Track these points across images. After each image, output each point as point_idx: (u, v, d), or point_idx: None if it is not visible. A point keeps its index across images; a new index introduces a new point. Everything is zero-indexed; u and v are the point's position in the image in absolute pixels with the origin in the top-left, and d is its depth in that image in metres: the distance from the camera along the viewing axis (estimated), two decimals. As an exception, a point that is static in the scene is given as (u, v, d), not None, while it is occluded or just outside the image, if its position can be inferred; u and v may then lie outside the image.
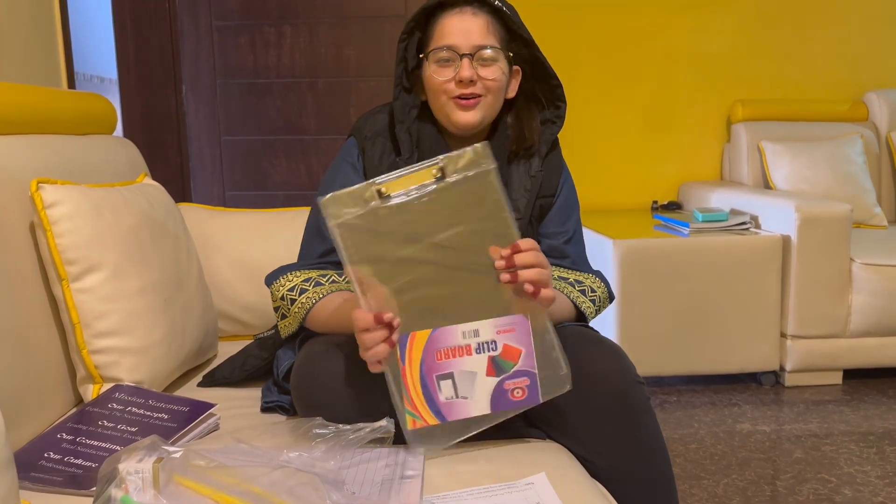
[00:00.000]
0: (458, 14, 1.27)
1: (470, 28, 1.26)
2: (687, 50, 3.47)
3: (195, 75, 3.18)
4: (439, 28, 1.27)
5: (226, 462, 0.93)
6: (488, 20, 1.27)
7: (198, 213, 1.88)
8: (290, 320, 1.29)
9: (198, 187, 3.25)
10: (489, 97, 1.28)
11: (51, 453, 1.11)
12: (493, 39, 1.27)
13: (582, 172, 3.48)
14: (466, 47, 1.25)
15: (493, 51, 1.26)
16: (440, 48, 1.26)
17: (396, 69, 1.31)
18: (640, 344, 2.64)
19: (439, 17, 1.28)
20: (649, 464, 1.18)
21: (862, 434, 2.33)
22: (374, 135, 1.33)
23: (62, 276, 1.28)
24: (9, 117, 1.36)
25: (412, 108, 1.32)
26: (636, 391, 1.17)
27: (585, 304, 1.33)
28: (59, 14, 2.19)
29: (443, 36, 1.27)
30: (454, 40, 1.26)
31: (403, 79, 1.31)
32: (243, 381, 1.49)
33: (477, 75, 1.25)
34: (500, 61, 1.27)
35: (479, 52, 1.25)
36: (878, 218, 3.14)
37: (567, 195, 1.40)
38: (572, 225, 1.40)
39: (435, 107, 1.31)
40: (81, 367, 1.32)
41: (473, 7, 1.27)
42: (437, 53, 1.26)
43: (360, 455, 1.07)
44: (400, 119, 1.31)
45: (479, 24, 1.26)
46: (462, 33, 1.25)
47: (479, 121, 1.28)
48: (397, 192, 1.04)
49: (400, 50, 1.30)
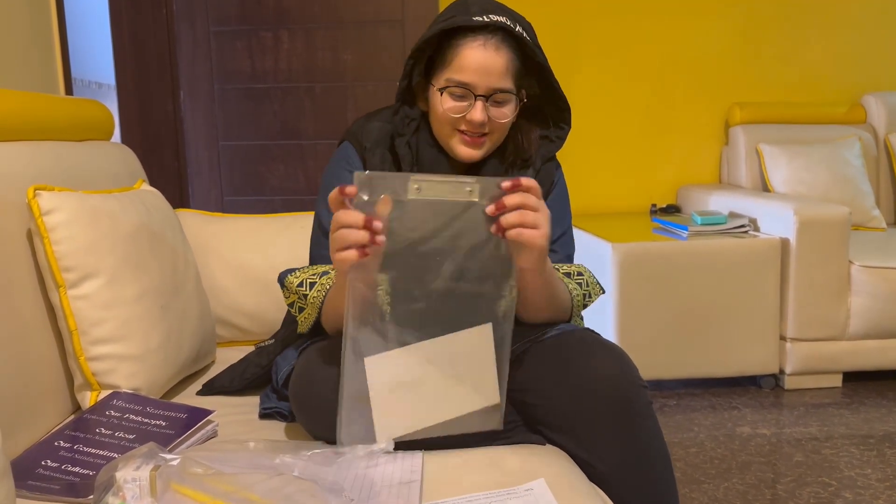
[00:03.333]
0: (482, 48, 1.21)
1: (491, 68, 1.21)
2: (685, 53, 3.47)
3: (193, 80, 3.17)
4: (458, 57, 1.22)
5: (223, 469, 0.92)
6: (509, 58, 1.22)
7: (195, 218, 1.88)
8: (309, 310, 1.26)
9: (195, 192, 3.25)
10: (495, 135, 1.28)
11: (48, 461, 1.10)
12: (509, 81, 1.23)
13: (580, 176, 3.48)
14: (483, 89, 1.22)
15: (509, 93, 1.23)
16: (455, 83, 1.22)
17: (400, 83, 1.28)
18: (638, 347, 2.64)
19: (459, 43, 1.22)
20: (651, 468, 1.18)
21: (862, 437, 2.33)
22: (373, 145, 1.32)
23: (59, 283, 1.27)
24: (6, 124, 1.36)
25: (412, 121, 1.31)
26: (639, 395, 1.16)
27: (572, 286, 1.28)
28: (56, 20, 2.18)
29: (461, 68, 1.22)
30: (471, 78, 1.21)
31: (406, 93, 1.29)
32: (242, 389, 1.48)
33: (489, 115, 1.23)
34: (513, 101, 1.25)
35: (494, 95, 1.23)
36: (876, 220, 3.14)
37: (557, 201, 1.38)
38: (562, 229, 1.38)
39: (438, 132, 1.29)
40: (79, 374, 1.31)
41: (497, 39, 1.21)
42: (452, 90, 1.23)
43: (359, 462, 1.06)
44: (400, 132, 1.30)
45: (500, 63, 1.21)
46: (481, 72, 1.21)
47: (481, 156, 1.28)
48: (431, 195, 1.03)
49: (408, 65, 1.27)
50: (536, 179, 1.33)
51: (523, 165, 1.34)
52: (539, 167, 1.35)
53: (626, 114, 3.50)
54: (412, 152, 1.30)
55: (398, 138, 1.30)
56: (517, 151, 1.34)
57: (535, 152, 1.34)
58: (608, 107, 3.49)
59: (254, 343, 1.81)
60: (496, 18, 1.21)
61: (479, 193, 1.04)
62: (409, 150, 1.30)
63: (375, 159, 1.32)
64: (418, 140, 1.31)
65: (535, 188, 1.07)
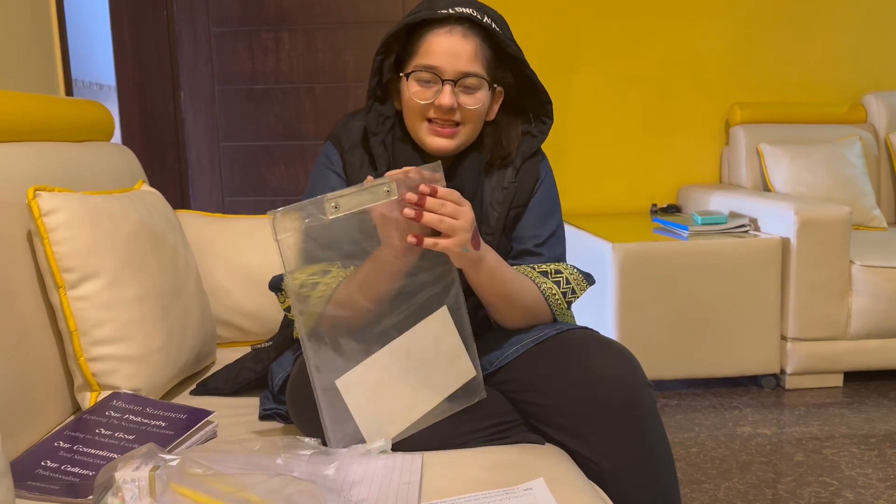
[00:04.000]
0: (448, 34, 1.21)
1: (458, 52, 1.20)
2: (685, 53, 3.47)
3: (193, 81, 3.18)
4: (425, 45, 1.22)
5: (223, 470, 0.93)
6: (477, 44, 1.22)
7: (196, 219, 1.88)
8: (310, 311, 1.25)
9: (196, 193, 3.25)
10: (468, 126, 1.25)
11: (48, 461, 1.11)
12: (479, 66, 1.22)
13: (580, 176, 3.48)
14: (451, 72, 1.20)
15: (478, 79, 1.22)
16: (422, 68, 1.21)
17: (370, 81, 1.27)
18: (639, 347, 2.64)
19: (425, 33, 1.22)
20: (654, 467, 1.18)
21: (863, 437, 2.33)
22: (351, 145, 1.31)
23: (59, 284, 1.28)
24: (6, 125, 1.36)
25: (386, 119, 1.30)
26: (644, 394, 1.16)
27: (546, 285, 1.27)
28: (56, 21, 2.19)
29: (428, 54, 1.21)
30: (439, 62, 1.20)
31: (377, 90, 1.28)
32: (234, 392, 1.48)
33: (457, 103, 1.21)
34: (484, 89, 1.23)
35: (463, 80, 1.21)
36: (877, 220, 3.14)
37: (543, 198, 1.34)
38: (549, 228, 1.34)
39: (410, 125, 1.28)
40: (79, 375, 1.31)
41: (464, 27, 1.21)
42: (419, 74, 1.22)
43: (358, 462, 1.07)
44: (374, 131, 1.29)
45: (467, 48, 1.20)
46: (448, 56, 1.20)
47: (454, 148, 1.26)
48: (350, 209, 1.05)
49: (376, 63, 1.26)
50: (518, 178, 1.31)
51: (503, 164, 1.31)
52: (520, 165, 1.32)
53: (627, 114, 3.50)
54: (387, 151, 1.29)
55: (372, 137, 1.29)
56: (496, 149, 1.31)
57: (515, 149, 1.32)
58: (608, 107, 3.49)
59: (254, 343, 1.81)
60: (462, 10, 1.21)
61: (398, 191, 1.06)
62: (385, 149, 1.29)
63: (355, 159, 1.31)
64: (393, 138, 1.30)
65: (454, 198, 1.09)
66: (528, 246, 1.32)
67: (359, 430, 1.10)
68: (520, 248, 1.32)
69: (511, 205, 1.31)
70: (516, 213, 1.32)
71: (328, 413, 1.09)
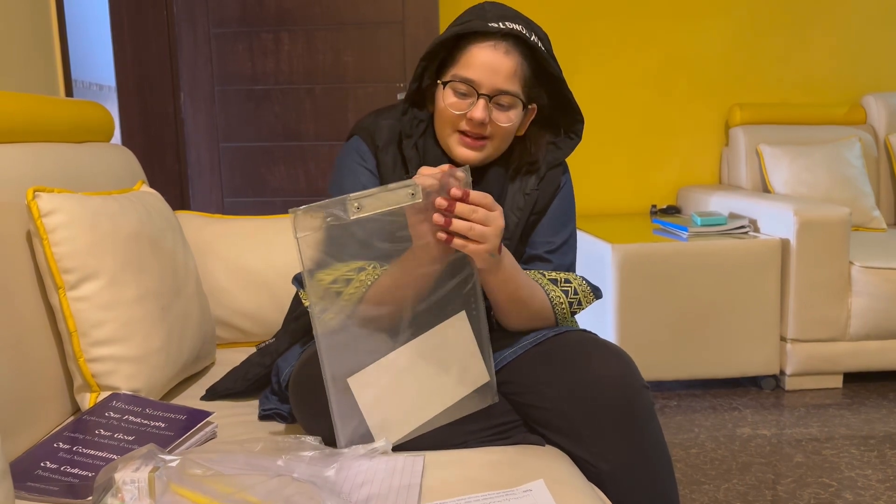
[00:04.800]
0: (491, 49, 1.21)
1: (498, 68, 1.20)
2: (685, 54, 3.47)
3: (193, 82, 3.18)
4: (466, 56, 1.22)
5: (223, 471, 0.93)
6: (518, 62, 1.22)
7: (195, 220, 1.88)
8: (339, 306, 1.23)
9: (196, 194, 3.25)
10: (496, 141, 1.26)
11: (47, 462, 1.11)
12: (516, 84, 1.22)
13: (580, 176, 3.48)
14: (487, 87, 1.21)
15: (512, 97, 1.22)
16: (460, 79, 1.21)
17: (410, 85, 1.28)
18: (639, 349, 2.64)
19: (469, 44, 1.22)
20: (652, 468, 1.18)
21: (863, 438, 2.33)
22: (385, 144, 1.32)
23: (59, 285, 1.28)
24: (6, 126, 1.36)
25: (420, 122, 1.31)
26: (641, 396, 1.16)
27: (555, 293, 1.28)
28: (56, 21, 2.19)
29: (468, 66, 1.21)
30: (477, 76, 1.20)
31: (416, 95, 1.29)
32: (247, 391, 1.47)
33: (490, 118, 1.22)
34: (517, 108, 1.24)
35: (498, 97, 1.21)
36: (876, 221, 3.14)
37: (560, 206, 1.36)
38: (562, 237, 1.35)
39: (440, 132, 1.28)
40: (78, 376, 1.31)
41: (508, 43, 1.21)
42: (456, 84, 1.22)
43: (358, 463, 1.06)
44: (408, 133, 1.30)
45: (507, 65, 1.20)
46: (488, 71, 1.20)
47: (480, 160, 1.26)
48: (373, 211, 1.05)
49: (419, 68, 1.27)
50: (540, 186, 1.33)
51: (529, 171, 1.33)
52: (544, 174, 1.33)
53: (627, 114, 3.50)
54: (419, 154, 1.30)
55: (406, 140, 1.30)
56: (523, 156, 1.32)
57: (541, 158, 1.33)
58: (609, 107, 3.49)
59: (254, 344, 1.81)
60: (511, 26, 1.21)
61: (423, 194, 1.05)
62: (417, 151, 1.30)
63: (388, 158, 1.31)
64: (425, 142, 1.31)
65: (486, 203, 1.08)
66: (540, 252, 1.33)
67: (367, 429, 1.10)
68: (531, 254, 1.33)
69: (531, 211, 1.33)
70: (535, 220, 1.34)
71: (339, 411, 1.08)
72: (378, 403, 1.10)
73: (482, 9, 1.25)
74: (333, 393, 1.08)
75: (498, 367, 1.23)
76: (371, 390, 1.10)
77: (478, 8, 1.26)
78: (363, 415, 1.10)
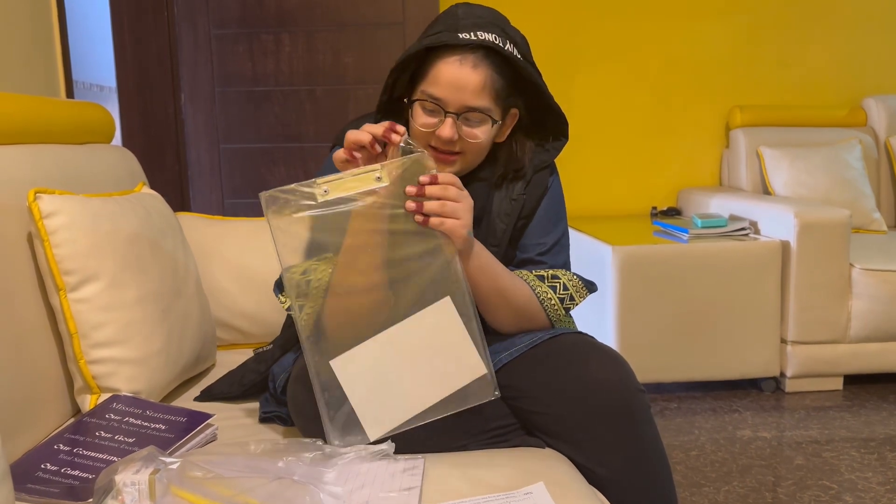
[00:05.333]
0: (458, 64, 1.17)
1: (464, 84, 1.16)
2: (686, 56, 3.48)
3: (194, 83, 3.18)
4: (434, 71, 1.18)
5: (223, 473, 0.93)
6: (488, 75, 1.17)
7: (196, 221, 1.88)
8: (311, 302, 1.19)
9: (196, 195, 3.25)
10: (469, 155, 1.23)
11: (48, 464, 1.10)
12: (486, 99, 1.18)
13: (581, 178, 3.48)
14: (454, 105, 1.17)
15: (483, 112, 1.19)
16: (427, 98, 1.18)
17: (381, 97, 1.26)
18: (639, 351, 2.64)
19: (438, 58, 1.18)
20: (650, 472, 1.18)
21: (863, 440, 2.33)
22: None
23: (60, 286, 1.28)
24: (7, 127, 1.36)
25: None
26: (637, 399, 1.16)
27: (541, 289, 1.26)
28: (57, 23, 2.19)
29: (435, 83, 1.18)
30: (443, 94, 1.17)
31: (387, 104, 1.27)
32: (241, 396, 1.47)
33: (459, 134, 1.19)
34: (489, 121, 1.21)
35: (467, 114, 1.19)
36: (877, 223, 3.14)
37: (548, 207, 1.34)
38: (554, 237, 1.33)
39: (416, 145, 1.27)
40: (79, 378, 1.31)
41: (477, 56, 1.17)
42: (423, 102, 1.20)
43: (359, 466, 1.06)
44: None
45: (475, 80, 1.16)
46: (454, 89, 1.17)
47: (455, 172, 1.24)
48: (340, 194, 1.08)
49: (389, 80, 1.24)
50: (527, 190, 1.31)
51: (515, 178, 1.31)
52: (530, 177, 1.31)
53: (627, 116, 3.50)
54: None
55: None
56: (509, 163, 1.30)
57: (528, 162, 1.31)
58: (609, 109, 3.49)
59: (254, 346, 1.81)
60: (483, 37, 1.16)
61: (388, 178, 1.08)
62: None
63: None
64: None
65: (455, 181, 1.11)
66: (532, 255, 1.31)
67: (360, 428, 1.10)
68: (522, 257, 1.32)
69: (519, 216, 1.31)
70: (523, 224, 1.32)
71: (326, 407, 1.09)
72: (364, 390, 1.10)
73: (455, 15, 1.20)
74: (321, 393, 1.09)
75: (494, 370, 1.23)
76: (355, 375, 1.09)
77: (451, 14, 1.21)
78: (349, 400, 1.09)
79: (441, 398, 1.13)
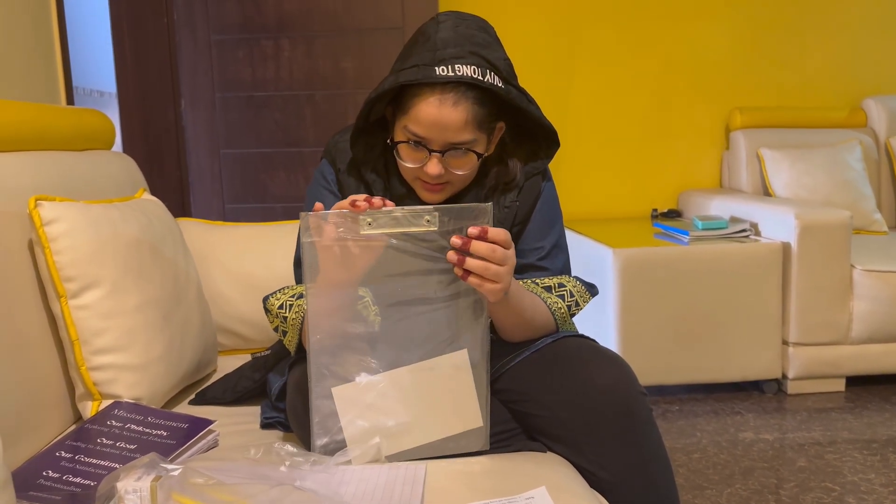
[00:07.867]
0: (437, 103, 1.13)
1: (446, 124, 1.14)
2: (685, 58, 3.48)
3: (194, 89, 3.18)
4: (414, 110, 1.15)
5: (225, 480, 0.93)
6: (469, 109, 1.14)
7: (196, 227, 1.88)
8: (291, 333, 1.28)
9: (197, 200, 3.25)
10: (458, 182, 1.23)
11: (49, 471, 1.10)
12: (469, 132, 1.16)
13: (581, 180, 3.48)
14: (438, 144, 1.16)
15: (468, 145, 1.17)
16: (411, 135, 1.16)
17: (357, 122, 1.23)
18: (641, 353, 2.63)
19: (416, 95, 1.15)
20: (652, 475, 1.18)
21: (865, 442, 2.32)
22: (346, 167, 1.30)
23: (61, 293, 1.28)
24: (7, 134, 1.36)
25: (373, 148, 1.27)
26: (639, 403, 1.16)
27: (552, 300, 1.26)
28: (57, 29, 2.19)
29: (416, 121, 1.15)
30: (426, 133, 1.15)
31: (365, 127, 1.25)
32: (233, 402, 1.47)
33: (446, 168, 1.18)
34: (475, 151, 1.19)
35: (451, 150, 1.17)
36: (877, 224, 3.14)
37: (543, 211, 1.33)
38: (551, 240, 1.33)
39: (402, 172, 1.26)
40: (80, 384, 1.31)
41: (457, 94, 1.13)
42: (406, 142, 1.18)
43: (360, 472, 1.06)
44: (364, 160, 1.27)
45: (456, 119, 1.13)
46: (436, 128, 1.14)
47: (443, 200, 1.24)
48: (384, 229, 1.04)
49: (365, 109, 1.21)
50: (520, 197, 1.30)
51: (506, 189, 1.30)
52: (523, 184, 1.30)
53: (627, 118, 3.50)
54: (381, 178, 1.28)
55: (362, 166, 1.28)
56: (500, 175, 1.29)
57: (519, 172, 1.30)
58: (609, 111, 3.49)
59: (255, 352, 1.80)
60: (462, 71, 1.12)
61: (438, 223, 1.04)
62: (378, 175, 1.28)
63: (351, 181, 1.30)
64: (386, 161, 1.28)
65: (502, 240, 1.06)
66: (532, 260, 1.31)
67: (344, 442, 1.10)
68: (523, 263, 1.31)
69: (513, 223, 1.30)
70: (518, 231, 1.32)
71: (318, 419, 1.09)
72: (359, 419, 1.10)
73: (433, 43, 1.15)
74: (315, 402, 1.09)
75: (496, 374, 1.23)
76: (353, 405, 1.09)
77: (429, 40, 1.16)
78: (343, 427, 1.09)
79: (431, 440, 1.13)
